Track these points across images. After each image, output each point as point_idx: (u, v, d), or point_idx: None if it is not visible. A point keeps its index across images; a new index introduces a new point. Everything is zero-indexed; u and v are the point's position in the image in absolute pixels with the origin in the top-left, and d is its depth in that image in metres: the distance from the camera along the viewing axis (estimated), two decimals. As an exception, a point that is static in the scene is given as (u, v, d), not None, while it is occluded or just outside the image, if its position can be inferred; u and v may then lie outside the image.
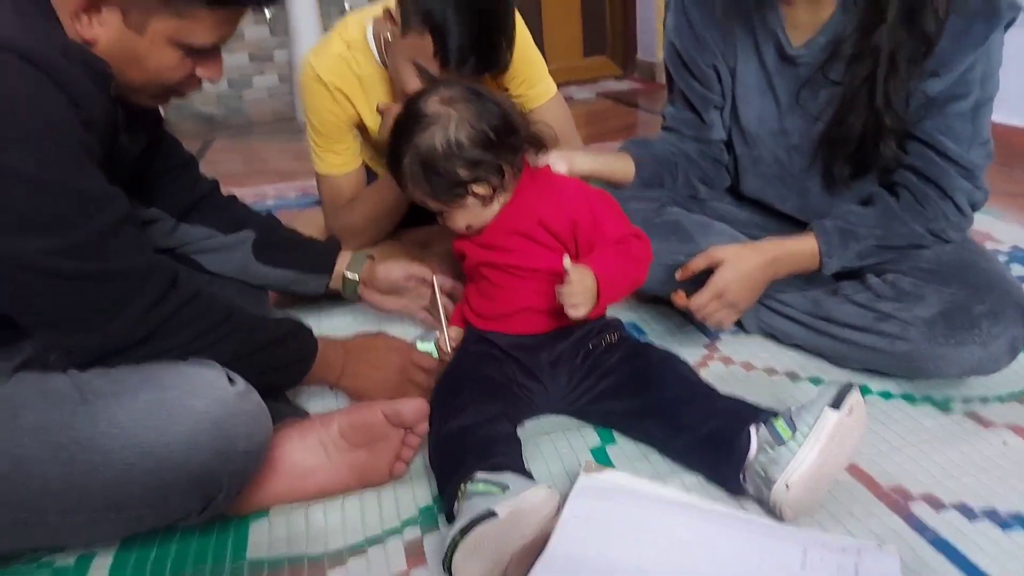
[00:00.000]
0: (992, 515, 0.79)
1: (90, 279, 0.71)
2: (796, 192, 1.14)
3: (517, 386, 0.95)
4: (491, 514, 0.69)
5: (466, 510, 0.71)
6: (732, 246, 1.04)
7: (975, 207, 1.02)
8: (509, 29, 1.14)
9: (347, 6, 3.24)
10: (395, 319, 1.27)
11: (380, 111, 1.27)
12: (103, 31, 0.73)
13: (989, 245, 1.47)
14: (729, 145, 1.20)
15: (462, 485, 0.76)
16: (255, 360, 0.83)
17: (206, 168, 1.12)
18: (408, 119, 0.94)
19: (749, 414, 0.83)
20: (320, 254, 1.17)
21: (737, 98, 1.14)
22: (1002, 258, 1.42)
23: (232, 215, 1.10)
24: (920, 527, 0.78)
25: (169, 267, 0.78)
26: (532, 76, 1.36)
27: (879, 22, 0.94)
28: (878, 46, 0.94)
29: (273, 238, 1.12)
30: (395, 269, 1.16)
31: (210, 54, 0.80)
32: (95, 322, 0.73)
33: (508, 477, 0.75)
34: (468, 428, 0.84)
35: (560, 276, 0.89)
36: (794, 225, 1.13)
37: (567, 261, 0.88)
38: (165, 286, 0.76)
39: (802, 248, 1.03)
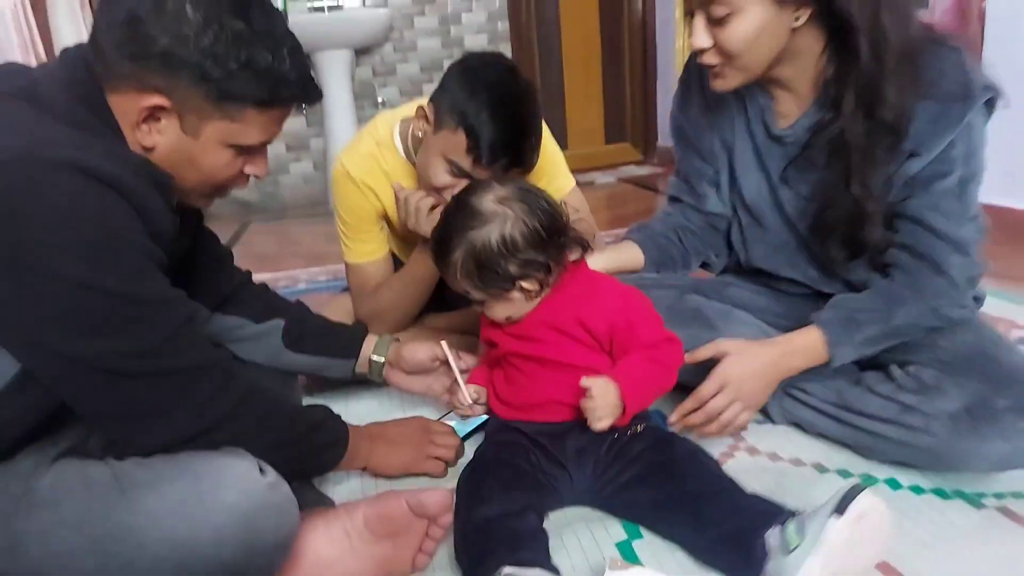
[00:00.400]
0: (1032, 621, 0.76)
1: (157, 377, 0.74)
2: (804, 259, 1.16)
3: (543, 474, 0.96)
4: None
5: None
6: (739, 340, 1.04)
7: (973, 282, 1.02)
8: (538, 130, 1.20)
9: (380, 99, 3.39)
10: (419, 400, 1.28)
11: (396, 192, 1.31)
12: (161, 138, 0.78)
13: (1014, 333, 1.46)
14: (736, 217, 1.23)
15: (488, 579, 0.76)
16: (294, 449, 0.85)
17: (242, 249, 1.17)
18: (462, 214, 0.96)
19: (771, 514, 0.81)
20: (347, 339, 1.20)
21: (735, 171, 1.19)
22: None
23: (264, 305, 1.14)
24: (956, 632, 0.76)
25: (227, 361, 0.81)
26: (552, 170, 1.42)
27: (839, 117, 0.98)
28: (847, 139, 0.98)
29: (302, 326, 1.16)
30: (420, 350, 1.18)
31: (258, 151, 0.85)
32: (161, 417, 0.75)
33: (536, 573, 0.75)
34: (494, 519, 0.84)
35: (589, 370, 0.91)
36: (814, 307, 1.14)
37: (585, 381, 0.91)
38: (225, 380, 0.79)
39: (807, 342, 1.03)
